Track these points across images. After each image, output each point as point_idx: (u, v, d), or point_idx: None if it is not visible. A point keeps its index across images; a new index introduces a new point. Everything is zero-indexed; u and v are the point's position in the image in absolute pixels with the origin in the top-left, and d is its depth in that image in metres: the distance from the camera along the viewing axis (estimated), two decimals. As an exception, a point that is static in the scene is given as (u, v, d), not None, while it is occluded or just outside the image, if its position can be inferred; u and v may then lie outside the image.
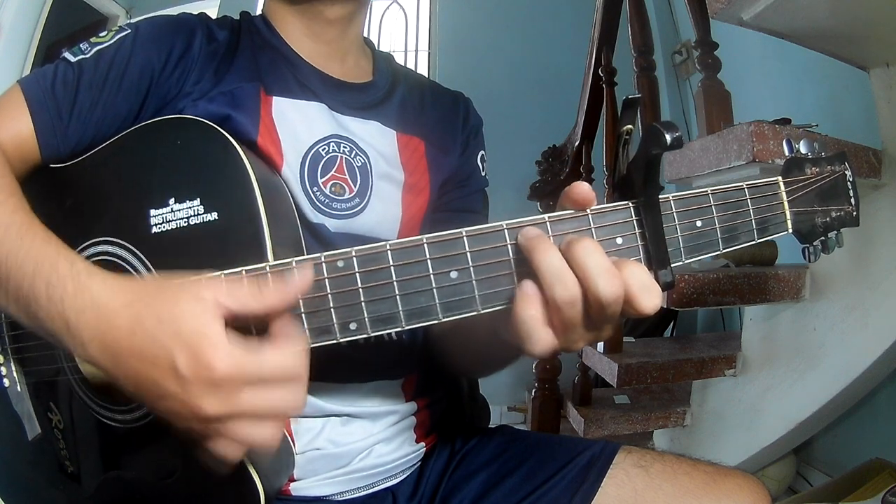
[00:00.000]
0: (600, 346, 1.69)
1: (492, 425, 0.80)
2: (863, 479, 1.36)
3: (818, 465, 1.72)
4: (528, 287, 0.42)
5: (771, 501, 0.64)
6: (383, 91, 0.73)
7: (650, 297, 0.42)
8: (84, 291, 0.43)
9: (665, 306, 1.37)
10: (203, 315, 0.40)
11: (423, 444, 0.72)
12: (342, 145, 0.66)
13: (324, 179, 0.64)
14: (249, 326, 0.43)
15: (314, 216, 0.63)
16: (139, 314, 0.41)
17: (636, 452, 0.66)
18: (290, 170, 0.62)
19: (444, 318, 0.44)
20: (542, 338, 0.42)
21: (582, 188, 0.45)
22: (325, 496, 0.64)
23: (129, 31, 0.61)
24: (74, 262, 0.45)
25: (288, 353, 0.41)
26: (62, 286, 0.44)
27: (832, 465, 1.66)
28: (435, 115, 0.76)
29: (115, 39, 0.60)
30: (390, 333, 0.66)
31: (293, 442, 0.60)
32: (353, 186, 0.65)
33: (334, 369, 0.62)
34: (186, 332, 0.40)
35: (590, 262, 0.41)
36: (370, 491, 0.67)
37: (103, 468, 0.58)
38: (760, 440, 1.51)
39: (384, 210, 0.68)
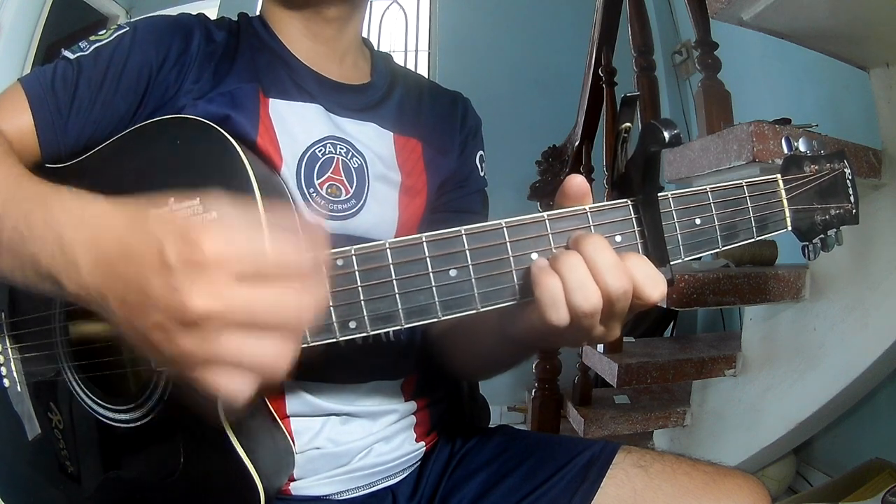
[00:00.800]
0: (600, 346, 1.68)
1: (492, 425, 0.80)
2: (863, 479, 1.36)
3: (818, 465, 1.72)
4: (543, 261, 0.43)
5: (771, 501, 0.64)
6: (381, 92, 0.73)
7: (656, 287, 0.43)
8: (87, 206, 0.42)
9: (665, 306, 1.37)
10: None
11: (422, 443, 0.72)
12: (339, 147, 0.66)
13: (320, 181, 0.64)
14: None
15: (311, 217, 0.63)
16: (137, 212, 0.39)
17: (636, 452, 0.66)
18: (288, 170, 0.62)
19: (443, 316, 0.44)
20: (564, 307, 0.42)
21: (575, 180, 0.45)
22: (325, 495, 0.64)
23: (128, 29, 0.61)
24: (80, 191, 0.44)
25: (299, 252, 0.36)
26: (62, 209, 0.42)
27: (832, 465, 1.66)
28: (433, 116, 0.76)
29: (113, 37, 0.60)
30: (388, 335, 0.67)
31: (293, 441, 0.60)
32: (349, 188, 0.65)
33: (334, 370, 0.62)
34: (179, 220, 0.37)
35: (598, 258, 0.41)
36: (370, 490, 0.67)
37: (103, 468, 0.58)
38: (760, 440, 1.51)
39: (381, 211, 0.68)
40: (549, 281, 0.42)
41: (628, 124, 0.45)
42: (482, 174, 0.79)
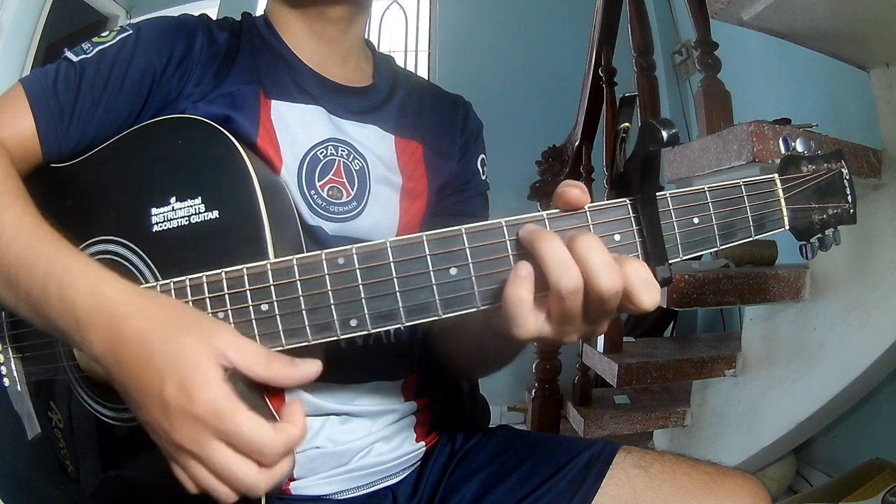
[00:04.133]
0: (600, 346, 1.69)
1: (492, 425, 0.80)
2: (863, 479, 1.36)
3: (818, 465, 1.72)
4: (523, 269, 0.42)
5: (771, 501, 0.64)
6: (383, 95, 0.73)
7: (650, 294, 0.42)
8: (97, 294, 0.45)
9: (665, 306, 1.37)
10: (206, 356, 0.42)
11: (422, 443, 0.72)
12: (340, 149, 0.66)
13: (321, 183, 0.64)
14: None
15: (311, 219, 0.63)
16: (146, 331, 0.43)
17: (636, 452, 0.66)
18: (289, 172, 0.62)
19: (443, 314, 0.44)
20: (528, 321, 0.43)
21: (573, 192, 0.45)
22: (325, 495, 0.64)
23: (131, 32, 0.61)
24: (88, 264, 0.47)
25: (272, 434, 0.41)
26: (74, 287, 0.45)
27: (832, 465, 1.66)
28: (434, 119, 0.76)
29: (116, 40, 0.60)
30: (389, 335, 0.67)
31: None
32: (350, 190, 0.66)
33: (334, 370, 0.62)
34: (184, 364, 0.42)
35: (592, 257, 0.41)
36: (370, 490, 0.67)
37: (103, 467, 0.58)
38: (760, 440, 1.51)
39: (381, 214, 0.68)
40: (515, 294, 0.42)
41: (627, 124, 0.46)
42: (483, 178, 0.79)
